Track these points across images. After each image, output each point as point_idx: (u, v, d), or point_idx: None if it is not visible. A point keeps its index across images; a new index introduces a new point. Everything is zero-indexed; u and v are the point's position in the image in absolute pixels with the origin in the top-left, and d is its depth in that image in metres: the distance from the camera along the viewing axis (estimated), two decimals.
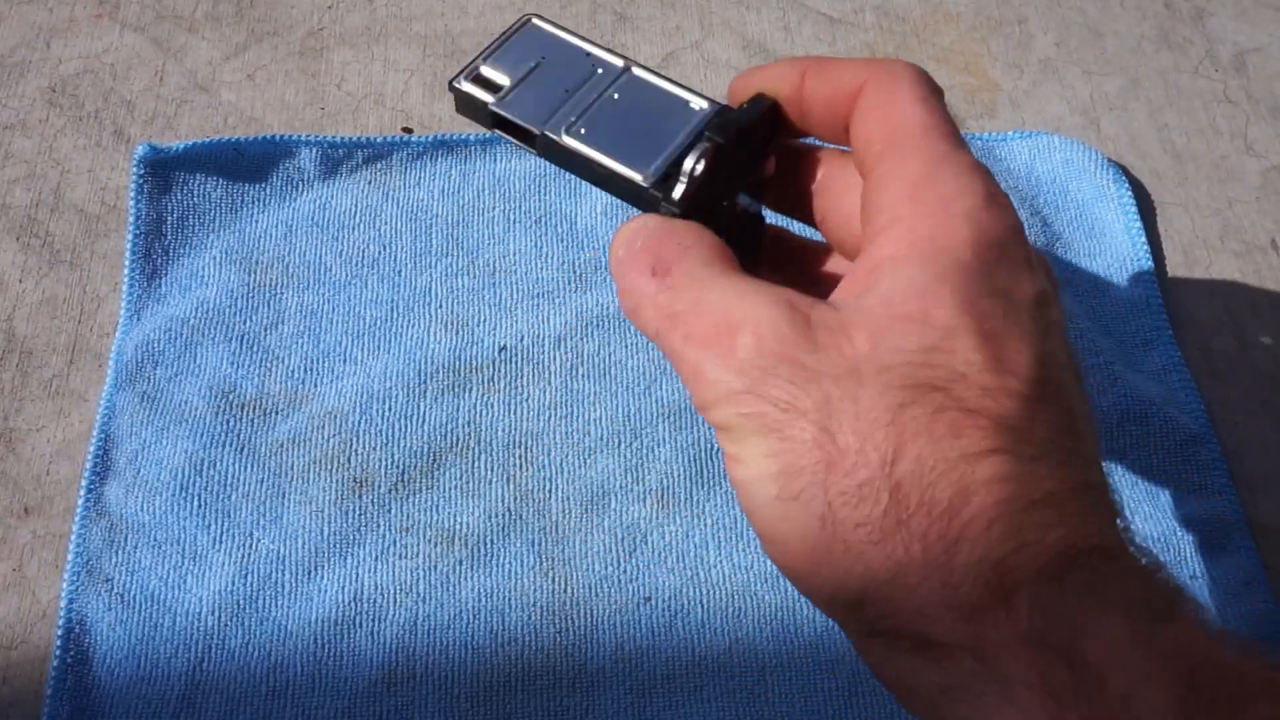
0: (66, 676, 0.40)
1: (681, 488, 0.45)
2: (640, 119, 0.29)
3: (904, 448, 0.21)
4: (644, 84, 0.30)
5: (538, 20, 0.32)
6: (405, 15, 0.58)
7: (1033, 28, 0.61)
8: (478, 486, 0.45)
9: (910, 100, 0.26)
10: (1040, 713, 0.19)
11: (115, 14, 0.57)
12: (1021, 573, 0.20)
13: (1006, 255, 0.24)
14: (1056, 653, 0.20)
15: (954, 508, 0.21)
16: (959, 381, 0.22)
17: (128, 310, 0.47)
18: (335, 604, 0.42)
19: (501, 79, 0.31)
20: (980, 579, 0.20)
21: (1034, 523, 0.21)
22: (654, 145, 0.29)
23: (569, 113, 0.30)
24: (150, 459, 0.44)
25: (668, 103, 0.30)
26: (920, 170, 0.25)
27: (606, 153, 0.29)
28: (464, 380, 0.47)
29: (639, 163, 0.28)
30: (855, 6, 0.61)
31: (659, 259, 0.26)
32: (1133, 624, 0.20)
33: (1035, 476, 0.21)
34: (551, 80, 0.30)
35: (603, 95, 0.30)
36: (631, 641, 0.42)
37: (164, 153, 0.49)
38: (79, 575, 0.42)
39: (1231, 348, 0.51)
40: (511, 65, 0.31)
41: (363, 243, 0.50)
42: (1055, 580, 0.20)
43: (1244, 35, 0.61)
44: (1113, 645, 0.19)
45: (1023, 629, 0.20)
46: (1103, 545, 0.21)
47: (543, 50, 0.31)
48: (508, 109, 0.30)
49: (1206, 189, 0.56)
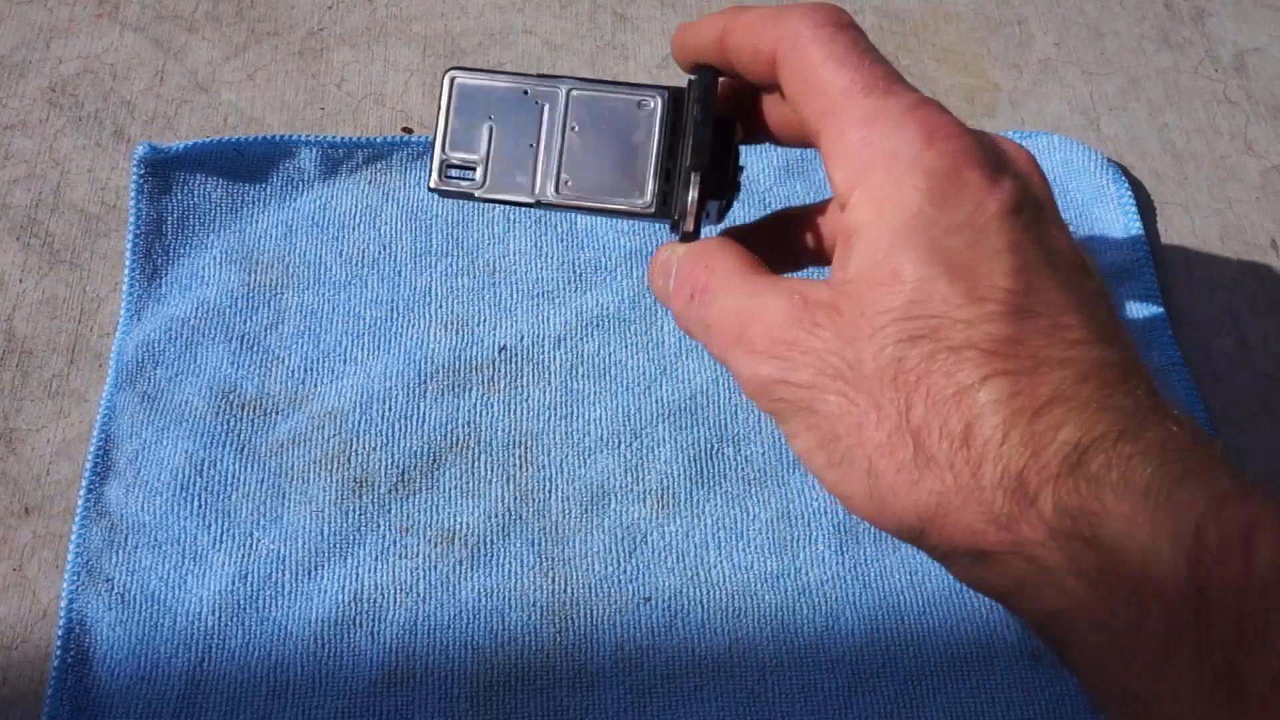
0: (67, 676, 0.40)
1: (681, 488, 0.45)
2: (610, 144, 0.31)
3: (912, 397, 0.24)
4: (591, 101, 0.31)
5: (460, 75, 0.32)
6: (405, 15, 0.58)
7: (1033, 28, 0.61)
8: (478, 486, 0.45)
9: (823, 64, 0.27)
10: (1082, 592, 0.22)
11: (115, 14, 0.57)
12: (1041, 476, 0.22)
13: (961, 182, 0.25)
14: (1082, 540, 0.21)
15: (969, 436, 0.23)
16: (942, 324, 0.24)
17: (128, 310, 0.47)
18: (335, 604, 0.42)
19: (469, 156, 0.31)
20: (1007, 491, 0.22)
21: (1042, 428, 0.23)
22: (636, 168, 0.31)
23: (548, 168, 0.31)
24: (150, 459, 0.44)
25: (622, 111, 0.31)
26: (856, 138, 0.26)
27: (601, 197, 0.31)
28: (464, 380, 0.47)
29: (633, 193, 0.31)
30: (855, 7, 0.60)
31: (694, 284, 0.29)
32: (1142, 497, 0.21)
33: (1034, 386, 0.23)
34: (512, 138, 0.31)
35: (565, 134, 0.31)
36: (631, 641, 0.42)
37: (164, 153, 0.49)
38: (79, 575, 0.42)
39: (1231, 348, 0.51)
40: (469, 138, 0.31)
41: (363, 243, 0.50)
42: (1071, 475, 0.22)
43: (1244, 35, 0.61)
44: (1126, 521, 0.21)
45: (1051, 525, 0.22)
46: (1114, 429, 0.23)
47: (486, 107, 0.31)
48: (494, 191, 0.31)
49: (1206, 189, 0.56)
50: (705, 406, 0.47)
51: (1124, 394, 0.23)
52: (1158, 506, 0.21)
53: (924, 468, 0.24)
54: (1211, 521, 0.21)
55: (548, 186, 0.31)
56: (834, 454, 0.25)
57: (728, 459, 0.46)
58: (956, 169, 0.25)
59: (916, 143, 0.25)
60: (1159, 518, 0.21)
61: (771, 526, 0.44)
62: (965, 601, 0.43)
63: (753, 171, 0.53)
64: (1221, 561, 0.20)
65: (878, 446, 0.24)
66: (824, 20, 0.27)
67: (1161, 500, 0.21)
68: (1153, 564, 0.21)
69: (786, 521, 0.45)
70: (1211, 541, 0.20)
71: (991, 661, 0.42)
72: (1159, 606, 0.21)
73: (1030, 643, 0.43)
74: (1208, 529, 0.21)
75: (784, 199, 0.52)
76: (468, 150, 0.31)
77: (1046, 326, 0.24)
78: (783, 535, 0.44)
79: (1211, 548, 0.20)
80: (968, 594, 0.43)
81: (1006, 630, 0.43)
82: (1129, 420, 0.23)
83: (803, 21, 0.27)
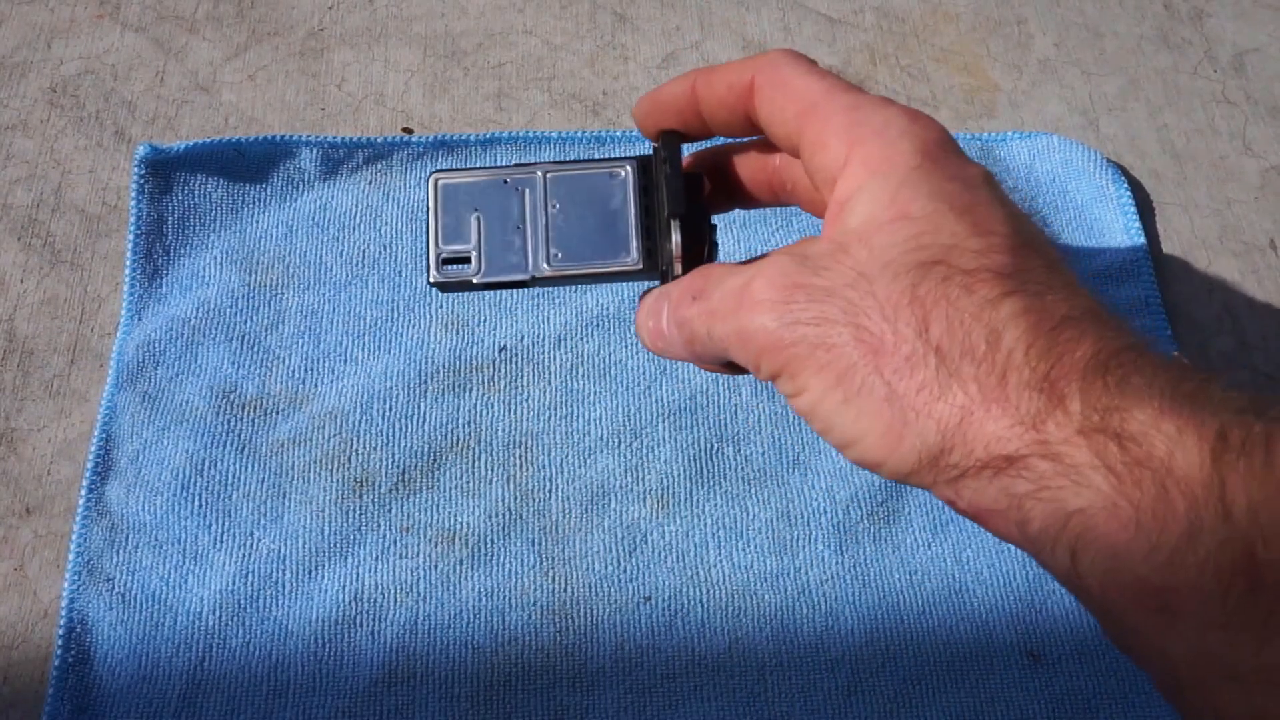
0: (67, 676, 0.40)
1: (681, 488, 0.45)
2: (590, 215, 0.33)
3: (930, 315, 0.25)
4: (567, 179, 0.33)
5: (443, 177, 0.34)
6: (405, 15, 0.58)
7: (1032, 28, 0.61)
8: (478, 486, 0.45)
9: (800, 76, 0.29)
10: (1105, 486, 0.22)
11: (116, 14, 0.57)
12: (1066, 380, 0.23)
13: (947, 151, 0.27)
14: (1108, 435, 0.22)
15: (991, 347, 0.24)
16: (953, 251, 0.25)
17: (129, 310, 0.47)
18: (336, 603, 0.42)
19: (462, 247, 0.33)
20: (1034, 393, 0.24)
21: (1063, 339, 0.24)
22: (618, 231, 0.33)
23: (536, 246, 0.33)
24: (151, 459, 0.44)
25: (597, 184, 0.33)
26: (844, 120, 0.28)
27: (591, 263, 0.33)
28: (464, 380, 0.47)
29: (621, 254, 0.33)
30: (855, 7, 0.61)
31: (693, 289, 0.30)
32: (1167, 400, 0.22)
33: (1049, 305, 0.24)
34: (499, 224, 0.33)
35: (548, 213, 0.33)
36: (631, 641, 0.42)
37: (165, 153, 0.49)
38: (80, 575, 0.42)
39: (1231, 348, 0.51)
40: (460, 231, 0.33)
41: (363, 243, 0.50)
42: (1096, 378, 0.23)
43: (1243, 36, 0.61)
44: (1152, 419, 0.22)
45: (1078, 423, 0.23)
46: (1131, 345, 0.24)
47: (471, 201, 0.34)
48: (491, 275, 0.33)
49: (1205, 189, 0.56)
50: (705, 406, 0.47)
51: (1126, 328, 0.25)
52: (1182, 407, 0.22)
53: (946, 382, 0.24)
54: (1234, 423, 0.22)
55: (540, 262, 0.33)
56: (850, 387, 0.25)
57: (728, 459, 0.46)
58: (943, 143, 0.28)
59: (903, 118, 0.28)
60: (1184, 417, 0.22)
61: (771, 526, 0.44)
62: (965, 601, 0.43)
63: None
64: (1245, 457, 0.21)
65: (896, 369, 0.25)
66: (794, 53, 0.30)
67: (1185, 403, 0.22)
68: (1177, 456, 0.21)
69: (786, 521, 0.45)
70: (1235, 440, 0.21)
71: (991, 661, 0.42)
72: (1183, 497, 0.21)
73: (1030, 642, 0.43)
74: (1230, 429, 0.22)
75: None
76: (460, 242, 0.33)
77: (1046, 264, 0.26)
78: (782, 535, 0.44)
79: (1235, 445, 0.21)
80: (967, 594, 0.43)
81: (1006, 630, 0.43)
82: (1140, 341, 0.25)
83: (775, 53, 0.30)
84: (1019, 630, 0.43)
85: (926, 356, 0.24)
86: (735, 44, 0.59)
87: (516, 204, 0.33)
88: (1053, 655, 0.42)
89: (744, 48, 0.58)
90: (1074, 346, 0.24)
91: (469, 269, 0.33)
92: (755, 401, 0.47)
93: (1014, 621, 0.43)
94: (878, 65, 0.58)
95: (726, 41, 0.59)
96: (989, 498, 0.24)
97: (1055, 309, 0.24)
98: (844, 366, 0.26)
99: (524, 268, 0.33)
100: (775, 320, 0.26)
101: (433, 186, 0.34)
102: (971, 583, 0.44)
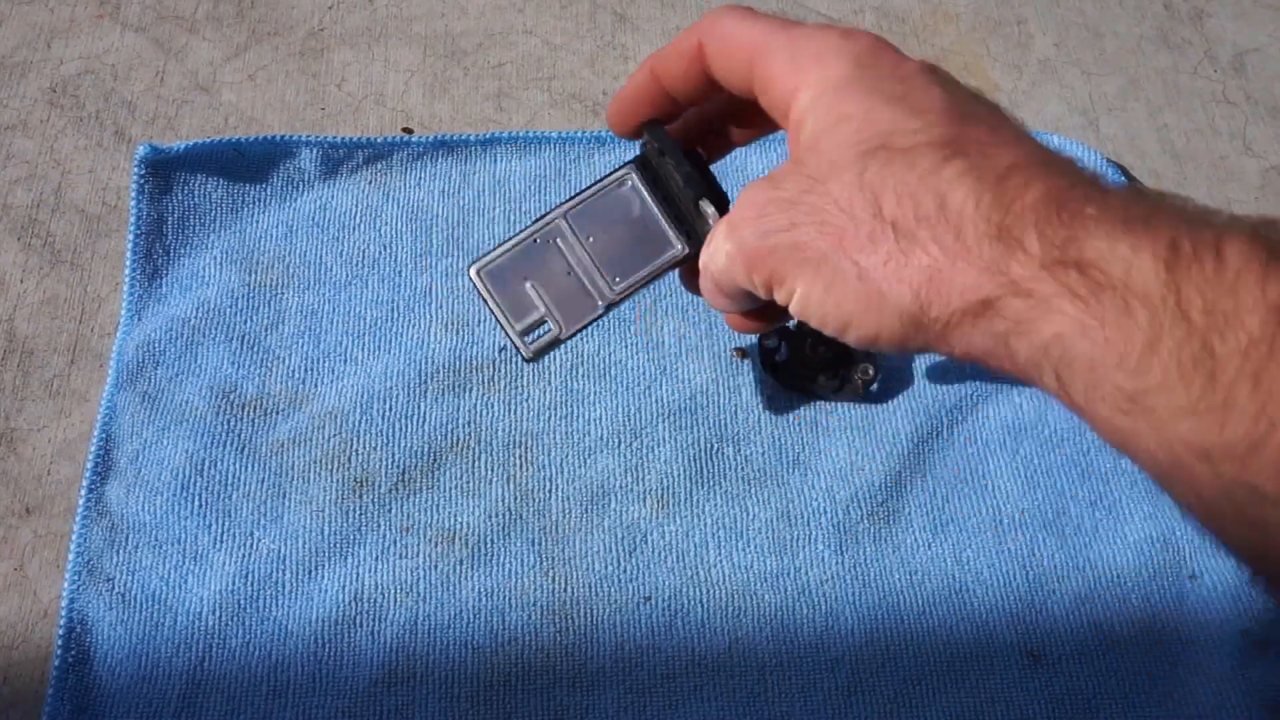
0: (68, 676, 0.40)
1: (681, 488, 0.45)
2: (622, 230, 0.36)
3: (880, 195, 0.27)
4: (586, 212, 0.36)
5: (480, 265, 0.36)
6: (405, 15, 0.58)
7: (1032, 28, 0.61)
8: (478, 486, 0.45)
9: (741, 26, 0.32)
10: (1073, 311, 0.24)
11: (116, 14, 0.57)
12: (1021, 222, 0.25)
13: (881, 54, 0.30)
14: (1068, 265, 0.24)
15: (941, 208, 0.26)
16: (893, 135, 0.27)
17: (128, 310, 0.47)
18: (336, 604, 0.42)
19: (534, 314, 0.36)
20: (992, 241, 0.25)
21: (1012, 187, 0.26)
22: (652, 231, 0.36)
23: (594, 279, 0.36)
24: (151, 459, 0.44)
25: (612, 203, 0.36)
26: (785, 54, 0.30)
27: (646, 269, 0.35)
28: (464, 380, 0.47)
29: (666, 249, 0.35)
30: (855, 7, 0.61)
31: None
32: (1119, 224, 0.24)
33: (993, 159, 0.26)
34: (553, 278, 0.36)
35: (587, 248, 0.36)
36: (631, 641, 0.42)
37: (165, 153, 0.49)
38: (80, 575, 0.42)
39: None
40: (524, 303, 0.36)
41: (363, 243, 0.50)
42: (1051, 215, 0.25)
43: (1243, 36, 0.61)
44: (1108, 243, 0.24)
45: (1039, 259, 0.25)
46: (1081, 182, 0.26)
47: (518, 273, 0.36)
48: (573, 325, 0.36)
49: (1206, 189, 0.56)
50: (705, 406, 0.47)
51: (1076, 168, 0.27)
52: (1135, 227, 0.24)
53: (908, 249, 0.26)
54: (1185, 235, 0.23)
55: (605, 291, 0.35)
56: (827, 276, 0.28)
57: (727, 459, 0.46)
58: (875, 49, 0.30)
59: (835, 37, 0.30)
60: (1137, 236, 0.24)
61: (771, 526, 0.44)
62: (965, 601, 0.43)
63: (752, 172, 0.53)
64: (1196, 263, 0.23)
65: (861, 248, 0.27)
66: (732, 6, 0.33)
67: (1137, 224, 0.24)
68: (1134, 272, 0.23)
69: (786, 521, 0.45)
70: (1185, 249, 0.23)
71: (991, 662, 0.42)
72: (1144, 308, 0.23)
73: (1030, 643, 0.43)
74: (1182, 240, 0.23)
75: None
76: (529, 313, 0.36)
77: (987, 129, 0.28)
78: (782, 535, 0.44)
79: (1186, 254, 0.23)
80: (967, 594, 0.43)
81: (1007, 630, 0.43)
82: (1091, 177, 0.26)
83: (716, 11, 0.33)
84: (1019, 630, 0.43)
85: (885, 231, 0.27)
86: None
87: (556, 255, 0.36)
88: (1053, 655, 0.42)
89: None
90: (1022, 192, 0.25)
91: (550, 329, 0.36)
92: (755, 401, 0.47)
93: (1014, 622, 0.43)
94: None
95: None
96: (978, 343, 0.27)
97: (998, 162, 0.26)
98: (817, 259, 0.28)
99: (596, 304, 0.36)
100: (753, 234, 0.30)
101: (477, 277, 0.36)
102: (972, 583, 0.44)
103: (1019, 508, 0.45)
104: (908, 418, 0.47)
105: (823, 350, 0.46)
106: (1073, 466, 0.46)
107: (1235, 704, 0.41)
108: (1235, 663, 0.42)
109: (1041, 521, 0.45)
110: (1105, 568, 0.44)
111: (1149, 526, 0.45)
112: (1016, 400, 0.48)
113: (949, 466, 0.46)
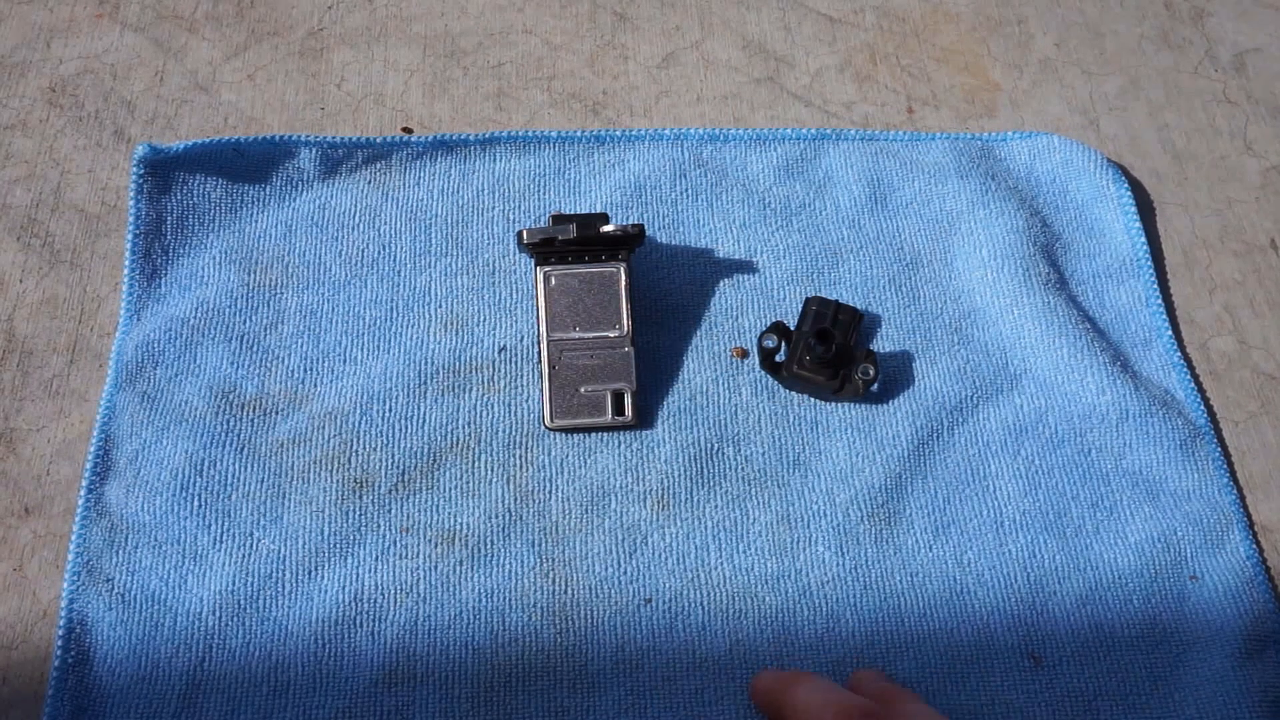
0: (67, 676, 0.40)
1: (681, 488, 0.45)
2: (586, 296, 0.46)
3: None
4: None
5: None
6: (405, 15, 0.58)
7: (1032, 28, 0.61)
8: (478, 486, 0.45)
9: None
10: None
11: (115, 14, 0.57)
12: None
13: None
14: None
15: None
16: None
17: (128, 310, 0.47)
18: (336, 604, 0.42)
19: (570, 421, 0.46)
20: None
21: None
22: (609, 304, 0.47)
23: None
24: (150, 459, 0.44)
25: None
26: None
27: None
28: (464, 380, 0.47)
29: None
30: (855, 7, 0.60)
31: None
32: None
33: None
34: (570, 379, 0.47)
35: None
36: (632, 643, 0.42)
37: (164, 153, 0.49)
38: (79, 575, 0.42)
39: (1231, 348, 0.51)
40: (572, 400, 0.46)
41: (362, 243, 0.50)
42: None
43: (1244, 35, 0.61)
44: None
45: None
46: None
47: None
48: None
49: (1206, 189, 0.56)
50: (705, 407, 0.47)
51: None
52: None
53: None
54: None
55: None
56: None
57: (728, 459, 0.46)
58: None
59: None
60: None
61: (772, 528, 0.44)
62: (966, 603, 0.43)
63: (752, 171, 0.53)
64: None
65: None
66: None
67: None
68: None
69: (787, 523, 0.45)
70: None
71: (992, 663, 0.42)
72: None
73: (1031, 644, 0.43)
74: None
75: (783, 198, 0.52)
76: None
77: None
78: (783, 537, 0.44)
79: None
80: (968, 595, 0.43)
81: (1007, 632, 0.43)
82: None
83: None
84: (1020, 632, 0.43)
85: None
86: (735, 44, 0.59)
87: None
88: (1054, 657, 0.42)
89: (744, 47, 0.58)
90: None
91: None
92: (755, 401, 0.47)
93: (1015, 623, 0.43)
94: (878, 65, 0.58)
95: (727, 41, 0.59)
96: None
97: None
98: None
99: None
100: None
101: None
102: (973, 585, 0.44)
103: (1020, 509, 0.45)
104: (908, 418, 0.47)
105: (823, 350, 0.46)
106: (1074, 468, 0.46)
107: (1236, 705, 0.41)
108: (1236, 663, 0.42)
109: (1042, 523, 0.45)
110: (1106, 569, 0.44)
111: (1150, 527, 0.45)
112: (1017, 401, 0.48)
113: (949, 468, 0.46)
